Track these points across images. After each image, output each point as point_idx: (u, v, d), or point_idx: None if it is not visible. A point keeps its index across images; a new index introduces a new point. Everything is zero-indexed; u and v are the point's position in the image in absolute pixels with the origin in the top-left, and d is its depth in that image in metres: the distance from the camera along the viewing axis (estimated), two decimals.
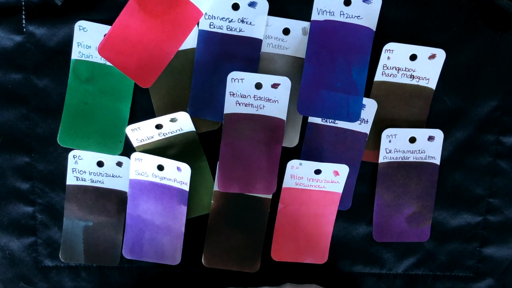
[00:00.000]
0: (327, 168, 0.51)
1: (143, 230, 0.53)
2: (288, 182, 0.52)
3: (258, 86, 0.50)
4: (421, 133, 0.52)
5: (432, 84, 0.52)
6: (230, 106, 0.50)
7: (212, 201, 0.53)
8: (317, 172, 0.52)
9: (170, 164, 0.50)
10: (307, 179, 0.52)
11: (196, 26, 0.50)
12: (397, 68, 0.52)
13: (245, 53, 0.51)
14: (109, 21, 0.49)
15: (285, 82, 0.50)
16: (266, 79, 0.50)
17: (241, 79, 0.50)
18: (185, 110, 0.51)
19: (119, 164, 0.52)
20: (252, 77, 0.50)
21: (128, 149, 0.52)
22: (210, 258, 0.54)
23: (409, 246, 0.56)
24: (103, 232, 0.53)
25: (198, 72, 0.51)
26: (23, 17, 0.50)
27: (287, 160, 0.51)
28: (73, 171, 0.52)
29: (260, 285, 0.55)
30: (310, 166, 0.51)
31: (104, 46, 0.49)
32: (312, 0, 0.50)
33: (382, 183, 0.54)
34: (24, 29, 0.50)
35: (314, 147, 0.53)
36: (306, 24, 0.51)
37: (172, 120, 0.50)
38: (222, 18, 0.50)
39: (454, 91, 0.53)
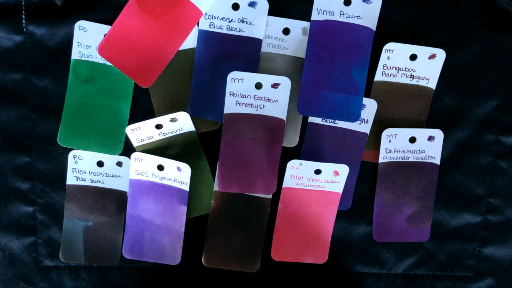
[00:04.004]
0: (327, 168, 0.51)
1: (143, 230, 0.53)
2: (288, 182, 0.52)
3: (258, 86, 0.50)
4: (421, 133, 0.52)
5: (432, 84, 0.52)
6: (230, 106, 0.50)
7: (212, 201, 0.53)
8: (317, 172, 0.52)
9: (170, 164, 0.50)
10: (307, 179, 0.52)
11: (196, 26, 0.50)
12: (397, 68, 0.52)
13: (245, 53, 0.51)
14: (109, 21, 0.49)
15: (285, 82, 0.50)
16: (266, 79, 0.50)
17: (241, 79, 0.50)
18: (185, 110, 0.51)
19: (119, 164, 0.52)
20: (252, 77, 0.50)
21: (128, 149, 0.52)
22: (210, 258, 0.54)
23: (409, 246, 0.56)
24: (103, 232, 0.53)
25: (198, 72, 0.51)
26: (23, 17, 0.50)
27: (287, 160, 0.51)
28: (73, 171, 0.52)
29: (260, 285, 0.55)
30: (310, 166, 0.51)
31: (104, 46, 0.49)
32: (312, 0, 0.50)
33: (382, 183, 0.54)
34: (24, 29, 0.50)
35: (314, 147, 0.53)
36: (306, 24, 0.51)
37: (172, 120, 0.50)
38: (222, 18, 0.50)
39: (454, 91, 0.53)
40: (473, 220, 0.56)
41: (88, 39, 0.50)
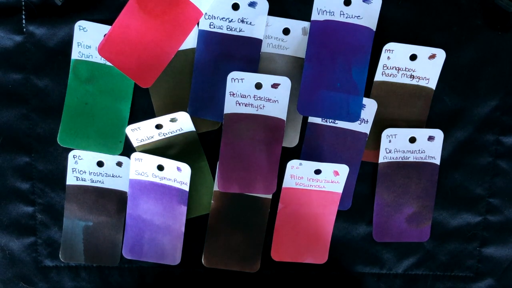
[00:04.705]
0: (327, 168, 0.51)
1: (143, 230, 0.53)
2: (288, 182, 0.52)
3: (258, 86, 0.50)
4: (421, 133, 0.52)
5: (432, 84, 0.52)
6: (230, 106, 0.50)
7: (212, 201, 0.53)
8: (317, 172, 0.52)
9: (170, 164, 0.50)
10: (307, 179, 0.52)
11: (196, 26, 0.50)
12: (397, 68, 0.52)
13: (245, 53, 0.51)
14: (109, 21, 0.49)
15: (285, 82, 0.50)
16: (266, 79, 0.50)
17: (241, 79, 0.50)
18: (185, 110, 0.51)
19: (119, 164, 0.52)
20: (252, 77, 0.50)
21: (128, 149, 0.52)
22: (210, 258, 0.54)
23: (409, 246, 0.56)
24: (103, 232, 0.53)
25: (198, 72, 0.51)
26: (23, 17, 0.50)
27: (287, 160, 0.51)
28: (73, 171, 0.52)
29: (260, 285, 0.55)
30: (310, 166, 0.51)
31: (104, 46, 0.49)
32: (312, 0, 0.50)
33: (382, 183, 0.54)
34: (24, 29, 0.50)
35: (314, 147, 0.53)
36: (306, 24, 0.51)
37: (172, 120, 0.50)
38: (222, 18, 0.50)
39: (454, 91, 0.53)
40: (473, 220, 0.56)
41: (88, 39, 0.50)
